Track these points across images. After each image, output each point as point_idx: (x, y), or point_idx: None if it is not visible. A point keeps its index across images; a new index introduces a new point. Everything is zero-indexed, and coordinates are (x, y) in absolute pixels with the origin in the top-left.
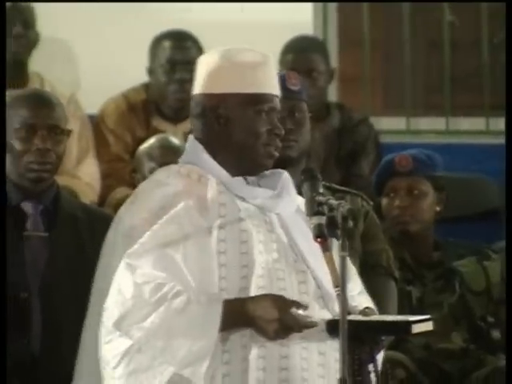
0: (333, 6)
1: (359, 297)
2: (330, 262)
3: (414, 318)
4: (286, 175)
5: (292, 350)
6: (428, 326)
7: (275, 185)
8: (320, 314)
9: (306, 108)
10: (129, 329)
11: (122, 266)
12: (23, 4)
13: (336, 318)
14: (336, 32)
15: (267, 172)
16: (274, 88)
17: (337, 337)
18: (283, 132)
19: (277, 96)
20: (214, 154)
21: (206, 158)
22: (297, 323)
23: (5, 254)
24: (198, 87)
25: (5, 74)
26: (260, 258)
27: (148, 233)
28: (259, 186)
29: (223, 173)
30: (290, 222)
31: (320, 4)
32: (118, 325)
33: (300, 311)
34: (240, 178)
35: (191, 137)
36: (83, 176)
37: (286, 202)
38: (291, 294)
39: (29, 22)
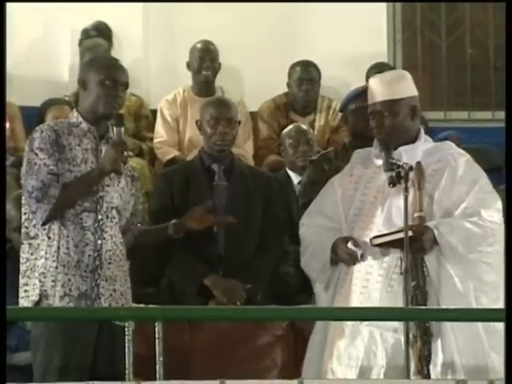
0: (399, 43)
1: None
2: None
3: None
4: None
5: (364, 260)
6: (391, 237)
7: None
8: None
9: None
10: None
11: None
12: (211, 47)
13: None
14: (401, 60)
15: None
16: (377, 97)
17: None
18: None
19: (378, 102)
20: None
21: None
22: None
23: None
24: None
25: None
26: (361, 197)
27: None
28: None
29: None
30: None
31: (391, 42)
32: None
33: (349, 244)
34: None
35: None
36: (248, 148)
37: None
38: (370, 216)
39: (215, 58)
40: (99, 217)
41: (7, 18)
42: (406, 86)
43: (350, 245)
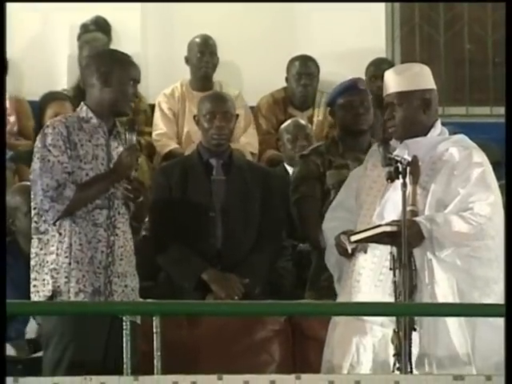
0: (397, 39)
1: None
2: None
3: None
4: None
5: (359, 255)
6: (367, 234)
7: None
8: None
9: (370, 99)
10: None
11: None
12: (211, 41)
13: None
14: (399, 55)
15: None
16: (389, 88)
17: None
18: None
19: (390, 94)
20: None
21: None
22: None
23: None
24: None
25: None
26: (368, 191)
27: None
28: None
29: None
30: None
31: (390, 37)
32: None
33: (342, 238)
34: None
35: None
36: (245, 142)
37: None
38: (371, 210)
39: (213, 53)
40: (111, 213)
41: (7, 15)
42: (419, 79)
43: (342, 239)
